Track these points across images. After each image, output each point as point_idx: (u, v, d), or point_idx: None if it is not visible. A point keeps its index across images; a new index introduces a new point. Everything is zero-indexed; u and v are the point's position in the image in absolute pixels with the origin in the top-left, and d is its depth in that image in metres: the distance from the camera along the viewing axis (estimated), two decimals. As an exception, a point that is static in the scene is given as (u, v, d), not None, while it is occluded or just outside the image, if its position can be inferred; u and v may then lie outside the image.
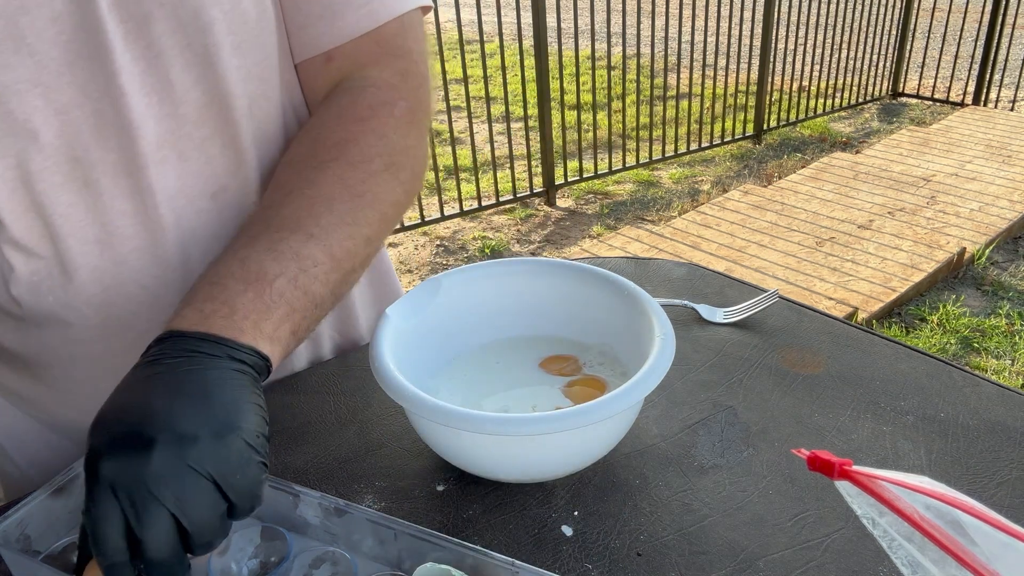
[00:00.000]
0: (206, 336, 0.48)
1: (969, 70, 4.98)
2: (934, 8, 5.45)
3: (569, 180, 3.95)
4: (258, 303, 0.52)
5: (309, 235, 0.56)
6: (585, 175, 3.96)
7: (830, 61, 4.66)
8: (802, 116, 4.70)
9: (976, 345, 2.69)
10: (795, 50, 4.50)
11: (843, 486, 0.39)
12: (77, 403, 0.70)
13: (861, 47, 4.78)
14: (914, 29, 4.99)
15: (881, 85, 5.08)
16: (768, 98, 4.49)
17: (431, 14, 3.20)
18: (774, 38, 4.31)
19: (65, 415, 0.73)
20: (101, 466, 0.43)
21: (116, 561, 0.43)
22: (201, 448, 0.43)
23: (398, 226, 3.42)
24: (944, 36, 5.13)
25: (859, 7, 4.62)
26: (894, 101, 5.17)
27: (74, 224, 0.61)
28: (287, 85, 0.69)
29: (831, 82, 4.77)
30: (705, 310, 0.85)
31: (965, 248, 3.14)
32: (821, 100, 4.78)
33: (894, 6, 4.81)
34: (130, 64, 0.57)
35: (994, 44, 4.64)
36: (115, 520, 0.42)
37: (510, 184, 3.84)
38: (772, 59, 4.37)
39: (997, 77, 4.79)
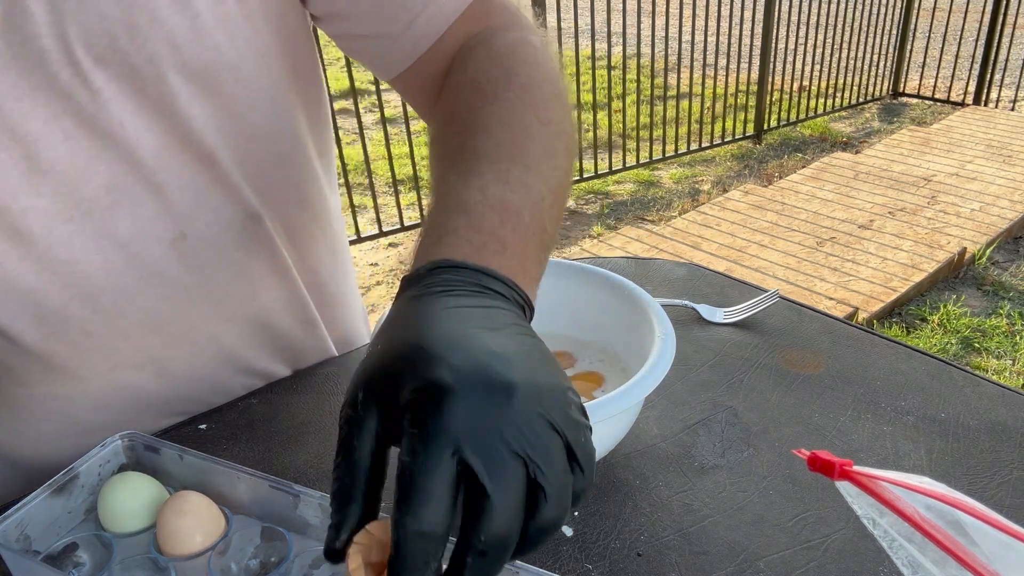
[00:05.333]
0: (489, 272, 0.42)
1: (970, 70, 4.97)
2: (934, 8, 5.45)
3: (569, 180, 3.94)
4: (518, 239, 0.45)
5: (526, 167, 0.50)
6: (585, 175, 3.96)
7: (830, 61, 4.65)
8: (802, 116, 4.70)
9: (977, 345, 2.68)
10: (795, 50, 4.50)
11: (844, 486, 0.39)
12: (17, 439, 0.69)
13: (861, 47, 4.78)
14: (914, 29, 4.99)
15: (881, 85, 5.07)
16: (768, 98, 4.48)
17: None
18: (774, 38, 4.31)
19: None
20: (450, 407, 0.35)
21: (432, 531, 0.34)
22: (554, 400, 0.36)
23: (398, 226, 3.42)
24: (944, 36, 5.13)
25: (859, 7, 4.62)
26: (894, 101, 5.17)
27: (6, 272, 0.58)
28: (285, 116, 0.66)
29: (831, 82, 4.76)
30: (705, 310, 0.85)
31: (966, 248, 3.14)
32: (821, 100, 4.78)
33: (894, 6, 4.81)
34: (75, 109, 0.55)
35: (994, 44, 4.64)
36: (447, 477, 0.34)
37: (510, 184, 3.83)
38: (772, 59, 4.37)
39: (998, 77, 4.79)
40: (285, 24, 0.64)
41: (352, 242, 3.34)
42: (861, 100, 4.99)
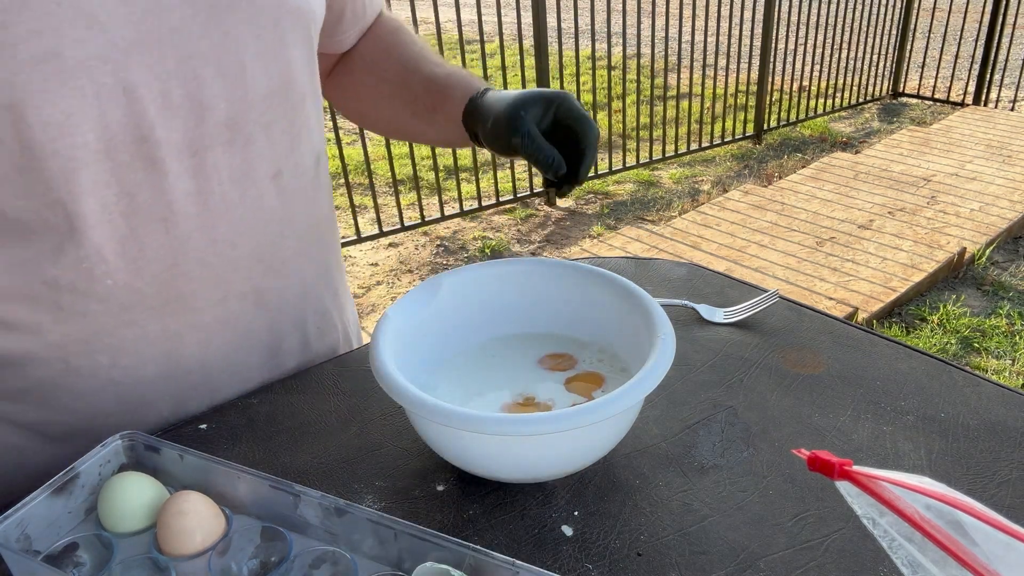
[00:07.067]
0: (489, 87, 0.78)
1: (969, 70, 4.98)
2: (934, 8, 5.45)
3: (569, 180, 3.93)
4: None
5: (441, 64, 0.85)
6: (585, 175, 3.96)
7: (830, 61, 4.65)
8: (802, 116, 4.70)
9: (976, 345, 2.68)
10: (795, 50, 4.50)
11: (843, 486, 0.39)
12: (94, 399, 0.68)
13: (861, 47, 4.78)
14: (914, 29, 4.99)
15: (881, 85, 5.07)
16: (768, 98, 4.48)
17: (431, 14, 3.21)
18: (774, 38, 4.31)
19: (68, 421, 0.69)
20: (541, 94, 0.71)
21: (548, 149, 0.69)
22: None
23: (398, 226, 3.42)
24: (944, 36, 5.13)
25: (859, 7, 4.62)
26: (894, 101, 5.17)
27: (139, 203, 0.62)
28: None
29: (831, 82, 4.77)
30: (705, 310, 0.85)
31: (965, 248, 3.14)
32: (821, 100, 4.78)
33: (894, 6, 4.81)
34: (207, 49, 0.60)
35: (994, 44, 4.64)
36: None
37: (510, 184, 3.84)
38: (772, 59, 4.37)
39: (997, 77, 4.79)
40: None
41: (352, 242, 3.34)
42: (861, 100, 4.99)
